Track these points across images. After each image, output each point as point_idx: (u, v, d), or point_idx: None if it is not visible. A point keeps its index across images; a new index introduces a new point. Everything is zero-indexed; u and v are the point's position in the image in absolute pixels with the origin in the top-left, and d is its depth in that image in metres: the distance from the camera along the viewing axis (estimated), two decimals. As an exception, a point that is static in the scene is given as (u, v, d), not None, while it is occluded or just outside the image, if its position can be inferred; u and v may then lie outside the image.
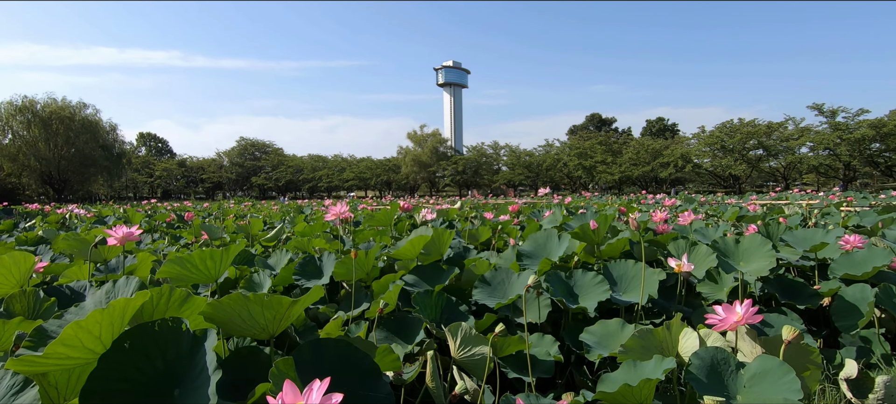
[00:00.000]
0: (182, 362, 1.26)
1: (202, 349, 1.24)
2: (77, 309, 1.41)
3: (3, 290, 2.42)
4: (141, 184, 76.17)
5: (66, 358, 1.17)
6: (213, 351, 1.19)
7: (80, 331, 1.14)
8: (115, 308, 1.18)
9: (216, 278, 2.16)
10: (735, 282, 3.05)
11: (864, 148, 34.88)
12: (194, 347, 1.26)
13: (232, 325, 1.39)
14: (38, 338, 1.31)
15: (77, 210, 9.42)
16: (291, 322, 1.42)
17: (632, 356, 1.91)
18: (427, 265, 3.12)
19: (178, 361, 1.26)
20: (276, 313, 1.38)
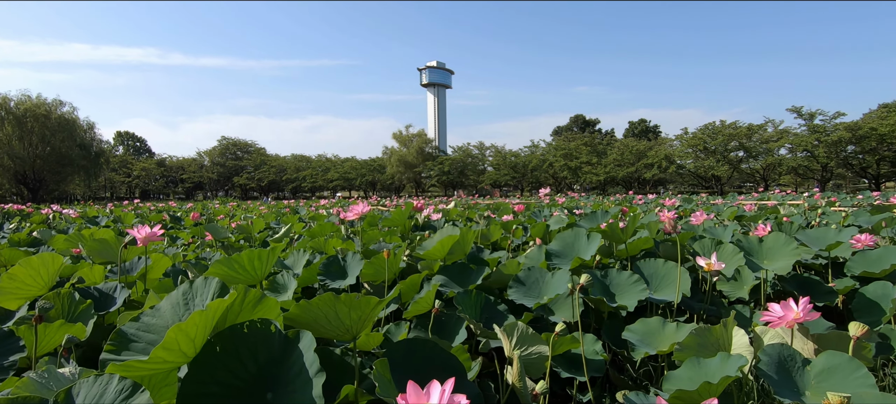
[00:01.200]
0: (274, 365, 1.22)
1: (296, 351, 1.21)
2: (153, 311, 1.36)
3: (31, 292, 2.33)
4: (118, 184, 74.42)
5: (162, 362, 1.13)
6: (313, 353, 1.15)
7: (180, 334, 1.10)
8: (212, 310, 1.14)
9: (261, 279, 2.11)
10: (755, 280, 3.11)
11: (841, 150, 35.93)
12: (287, 349, 1.23)
13: (316, 326, 1.35)
14: (120, 342, 1.26)
15: (66, 210, 9.14)
16: (372, 322, 1.39)
17: (689, 353, 1.92)
18: (455, 265, 3.10)
19: (270, 364, 1.22)
20: (361, 314, 1.35)
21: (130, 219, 9.22)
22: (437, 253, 3.04)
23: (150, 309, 1.36)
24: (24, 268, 2.26)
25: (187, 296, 1.37)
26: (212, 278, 1.36)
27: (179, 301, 1.36)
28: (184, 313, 1.34)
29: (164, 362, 1.13)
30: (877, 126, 33.40)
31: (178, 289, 1.38)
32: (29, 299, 2.39)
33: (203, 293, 1.36)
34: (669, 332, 2.34)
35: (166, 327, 1.32)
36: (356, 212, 3.70)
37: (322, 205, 14.34)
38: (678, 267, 2.67)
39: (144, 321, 1.33)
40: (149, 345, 1.28)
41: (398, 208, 4.15)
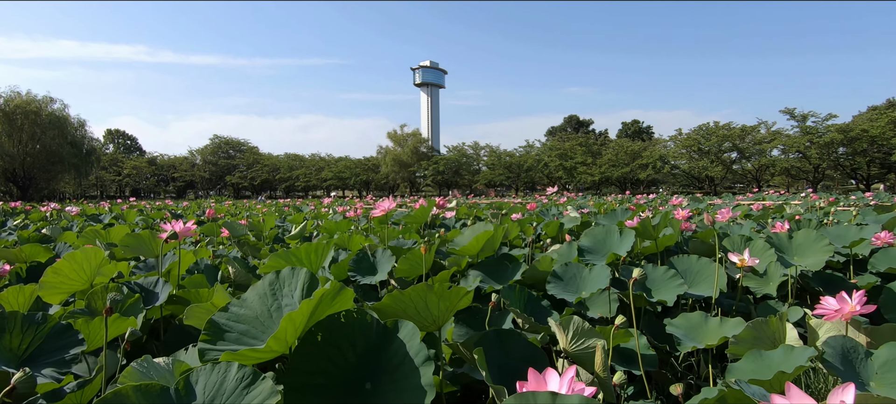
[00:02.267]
0: (372, 354, 1.22)
1: (396, 340, 1.21)
2: (240, 302, 1.35)
3: (74, 286, 2.31)
4: (108, 183, 73.62)
5: (270, 351, 1.12)
6: (419, 342, 1.16)
7: (290, 324, 1.10)
8: (317, 299, 1.14)
9: (316, 271, 2.11)
10: (783, 277, 3.14)
11: (832, 151, 36.44)
12: (385, 338, 1.23)
13: (405, 316, 1.35)
14: (214, 332, 1.25)
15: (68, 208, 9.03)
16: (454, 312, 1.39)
17: (745, 346, 1.94)
18: (489, 261, 3.11)
19: (368, 353, 1.22)
20: (449, 304, 1.36)
21: (133, 216, 9.14)
22: (471, 249, 3.05)
23: (237, 300, 1.35)
24: (68, 263, 2.24)
25: (274, 286, 1.36)
26: (298, 268, 1.36)
27: (266, 291, 1.36)
28: (272, 303, 1.34)
29: (272, 351, 1.13)
30: (868, 128, 33.93)
31: (264, 280, 1.37)
32: (71, 293, 2.36)
33: (291, 283, 1.35)
34: (713, 327, 2.36)
35: (255, 317, 1.32)
36: (383, 209, 3.70)
37: (325, 203, 14.29)
38: (716, 263, 2.70)
39: (233, 311, 1.32)
40: (241, 335, 1.27)
41: (422, 206, 4.15)
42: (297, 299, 1.32)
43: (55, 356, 1.73)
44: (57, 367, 1.68)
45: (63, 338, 1.78)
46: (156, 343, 2.43)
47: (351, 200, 23.84)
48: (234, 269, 2.56)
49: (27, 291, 2.33)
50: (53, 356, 1.73)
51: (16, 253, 3.71)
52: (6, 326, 1.69)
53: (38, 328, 1.75)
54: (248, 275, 2.59)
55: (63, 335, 1.79)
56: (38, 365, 1.69)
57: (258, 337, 1.28)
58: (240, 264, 2.61)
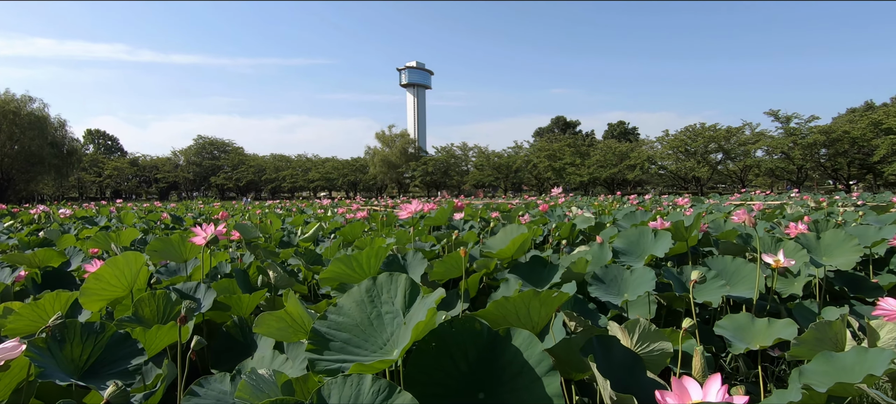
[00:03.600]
0: (484, 364, 1.19)
1: (510, 348, 1.18)
2: (336, 309, 1.30)
3: (115, 293, 2.23)
4: (89, 184, 72.01)
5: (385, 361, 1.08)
6: (541, 351, 1.12)
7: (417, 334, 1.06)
8: (435, 306, 1.10)
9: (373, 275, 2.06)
10: (809, 277, 3.18)
11: (815, 152, 37.30)
12: (497, 347, 1.20)
13: (505, 322, 1.32)
14: (319, 342, 1.21)
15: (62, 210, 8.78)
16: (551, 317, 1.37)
17: (806, 348, 1.95)
18: (524, 263, 3.09)
19: (480, 363, 1.19)
20: (550, 308, 1.33)
21: (131, 218, 8.94)
22: (508, 251, 3.02)
23: (333, 307, 1.30)
24: (110, 269, 2.16)
25: (371, 293, 1.32)
26: (396, 274, 1.32)
27: (364, 298, 1.31)
28: (371, 311, 1.29)
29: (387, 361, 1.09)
30: (849, 129, 34.80)
31: (360, 286, 1.33)
32: (111, 300, 2.28)
33: (389, 290, 1.31)
34: (761, 328, 2.37)
35: (356, 325, 1.27)
36: (409, 211, 3.66)
37: (325, 204, 14.14)
38: (757, 264, 2.71)
39: (332, 319, 1.28)
40: (345, 344, 1.23)
41: (441, 207, 4.12)
42: (399, 306, 1.28)
43: (117, 366, 1.66)
44: (121, 378, 1.62)
45: (123, 348, 1.71)
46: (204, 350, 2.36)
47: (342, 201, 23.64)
48: (275, 274, 2.49)
49: (64, 298, 2.24)
50: (115, 366, 1.66)
51: (30, 257, 3.59)
52: (66, 336, 1.62)
53: (98, 337, 1.68)
54: (290, 279, 2.53)
55: (122, 344, 1.72)
56: (101, 376, 1.62)
57: (362, 345, 1.23)
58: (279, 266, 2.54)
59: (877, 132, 34.09)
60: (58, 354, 1.57)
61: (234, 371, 1.65)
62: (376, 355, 1.22)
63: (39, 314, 2.19)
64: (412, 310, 1.26)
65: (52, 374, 1.46)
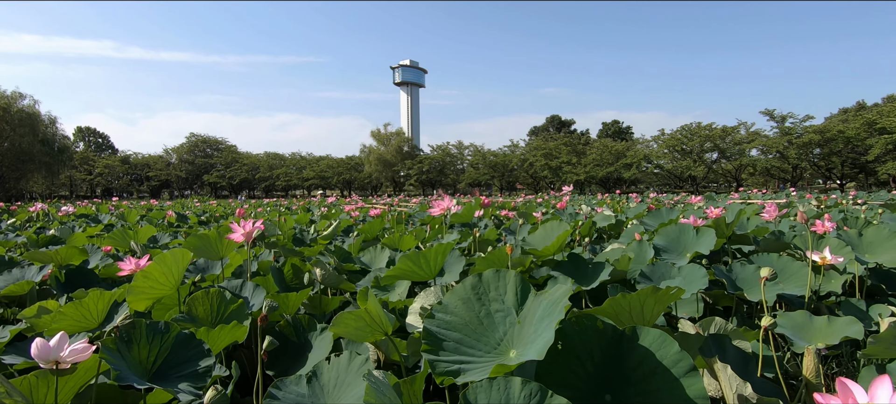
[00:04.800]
0: (611, 364, 1.12)
1: (639, 349, 1.11)
2: (442, 307, 1.23)
3: (162, 291, 2.14)
4: (79, 182, 71.14)
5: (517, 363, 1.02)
6: (678, 350, 1.06)
7: (554, 336, 0.99)
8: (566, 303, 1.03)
9: (437, 273, 1.99)
10: (848, 274, 3.15)
11: (809, 151, 37.67)
12: (624, 346, 1.13)
13: (617, 322, 1.26)
14: (433, 342, 1.14)
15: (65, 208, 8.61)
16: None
17: (883, 346, 1.91)
18: (565, 261, 3.03)
19: (606, 363, 1.12)
20: (661, 306, 1.27)
21: (134, 216, 8.80)
22: (552, 248, 2.96)
23: (439, 306, 1.23)
24: (158, 266, 2.07)
25: (477, 290, 1.25)
26: (503, 271, 1.25)
27: (470, 296, 1.24)
28: (479, 309, 1.23)
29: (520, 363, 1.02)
30: (844, 129, 35.19)
31: (465, 283, 1.26)
32: (157, 298, 2.19)
33: (497, 287, 1.24)
34: (821, 326, 2.32)
35: (465, 324, 1.21)
36: (442, 208, 3.59)
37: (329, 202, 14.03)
38: (809, 262, 2.67)
39: (441, 318, 1.21)
40: (458, 344, 1.16)
41: (468, 204, 4.05)
42: (510, 304, 1.21)
43: (186, 368, 1.58)
44: (191, 381, 1.54)
45: (188, 349, 1.63)
46: (247, 351, 2.28)
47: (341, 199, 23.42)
48: (323, 271, 2.41)
49: (107, 297, 2.15)
50: (183, 368, 1.58)
51: (52, 255, 3.48)
52: (133, 337, 1.53)
53: (163, 338, 1.60)
54: (339, 277, 2.45)
55: (188, 345, 1.64)
56: (170, 378, 1.54)
57: (474, 345, 1.17)
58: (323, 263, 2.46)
59: (871, 132, 34.48)
60: (126, 356, 1.49)
61: (310, 373, 1.58)
62: (491, 356, 1.15)
63: (83, 313, 2.10)
64: (526, 309, 1.20)
65: (128, 377, 1.38)
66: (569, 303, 1.05)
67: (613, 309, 1.23)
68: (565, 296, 1.08)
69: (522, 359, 0.96)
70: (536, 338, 1.10)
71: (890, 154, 34.07)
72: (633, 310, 1.25)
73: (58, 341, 1.38)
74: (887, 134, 33.34)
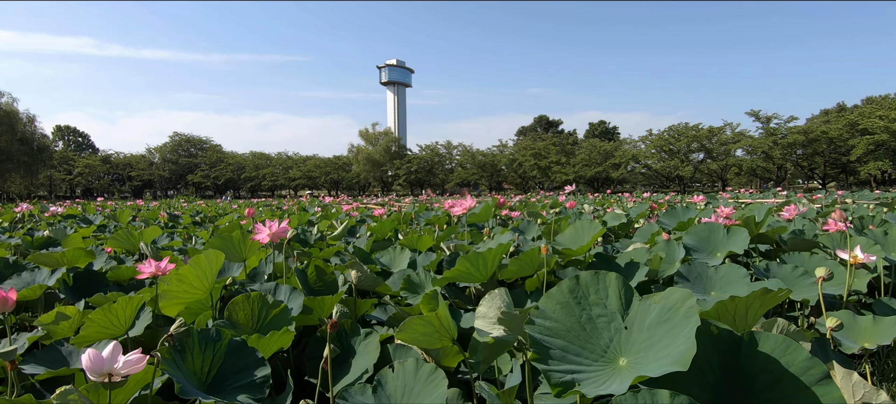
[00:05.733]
0: (729, 371, 1.06)
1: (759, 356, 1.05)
2: (540, 312, 1.16)
3: (196, 295, 2.03)
4: (58, 182, 69.50)
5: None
6: (810, 357, 1.00)
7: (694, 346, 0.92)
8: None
9: (490, 275, 1.91)
10: (872, 273, 3.15)
11: (794, 152, 38.45)
12: (741, 353, 1.07)
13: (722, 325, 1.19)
14: (541, 350, 1.06)
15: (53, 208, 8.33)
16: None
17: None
18: (596, 260, 2.97)
19: (724, 370, 1.06)
20: (765, 308, 1.21)
21: (127, 216, 8.56)
22: (587, 248, 2.89)
23: (536, 311, 1.15)
24: (192, 269, 1.96)
25: (576, 294, 1.17)
26: (603, 273, 1.18)
27: (568, 301, 1.17)
28: (580, 314, 1.15)
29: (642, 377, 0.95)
30: (827, 130, 36.00)
31: (561, 287, 1.18)
32: (189, 303, 2.07)
33: (598, 291, 1.17)
34: (866, 326, 2.29)
35: (567, 331, 1.13)
36: (464, 207, 3.51)
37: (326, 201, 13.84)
38: (849, 261, 2.64)
39: (540, 324, 1.13)
40: (564, 352, 1.09)
41: (487, 204, 3.98)
42: (614, 309, 1.14)
43: (241, 378, 1.48)
44: (250, 392, 1.44)
45: (241, 357, 1.53)
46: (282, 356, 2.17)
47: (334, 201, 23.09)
48: (360, 273, 2.32)
49: (136, 301, 2.03)
50: (239, 378, 1.48)
51: (58, 257, 3.32)
52: (186, 345, 1.43)
53: (215, 346, 1.49)
54: (376, 279, 2.36)
55: (239, 353, 1.54)
56: (226, 390, 1.44)
57: (580, 353, 1.09)
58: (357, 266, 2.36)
59: (853, 132, 35.29)
60: (181, 366, 1.38)
61: (375, 381, 1.49)
62: (599, 364, 1.08)
63: (112, 319, 1.98)
64: (632, 314, 1.12)
65: (190, 391, 1.28)
66: (697, 307, 0.98)
67: (719, 313, 1.17)
68: (688, 301, 1.01)
69: (662, 371, 0.89)
70: (655, 345, 1.03)
71: (871, 154, 34.91)
72: (737, 314, 1.19)
73: (111, 352, 1.27)
74: (869, 135, 34.15)
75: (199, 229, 7.12)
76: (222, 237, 2.65)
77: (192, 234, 6.38)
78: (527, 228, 5.04)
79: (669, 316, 1.04)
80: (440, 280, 2.01)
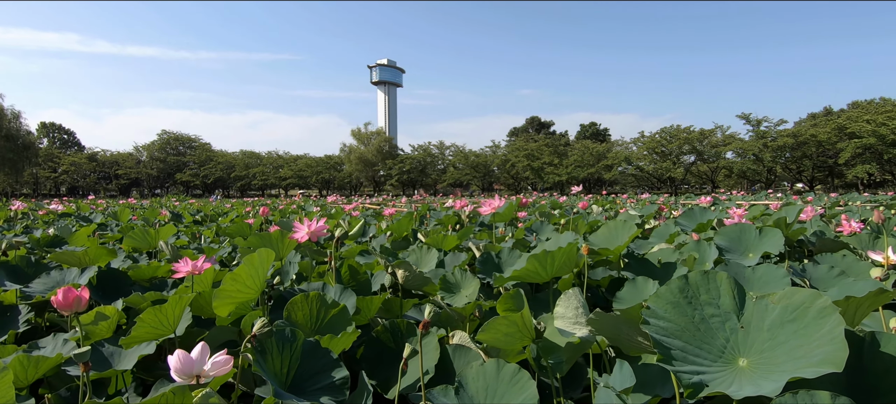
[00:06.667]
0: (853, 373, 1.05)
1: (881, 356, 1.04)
2: (651, 312, 1.14)
3: (248, 295, 1.99)
4: (43, 180, 68.30)
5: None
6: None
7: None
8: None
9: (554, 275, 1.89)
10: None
11: (784, 154, 39.07)
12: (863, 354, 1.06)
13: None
14: (663, 350, 1.04)
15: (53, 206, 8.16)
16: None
17: None
18: (631, 262, 2.97)
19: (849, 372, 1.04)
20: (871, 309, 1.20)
21: (127, 215, 8.42)
22: (622, 248, 2.89)
23: (647, 311, 1.13)
24: (246, 268, 1.91)
25: (686, 294, 1.15)
26: (713, 272, 1.16)
27: (679, 300, 1.15)
28: (693, 314, 1.13)
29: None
30: (816, 133, 36.65)
31: (670, 287, 1.16)
32: (241, 303, 2.03)
33: (709, 290, 1.15)
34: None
35: (682, 330, 1.11)
36: (492, 207, 3.49)
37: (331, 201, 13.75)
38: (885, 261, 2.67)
39: (655, 324, 1.11)
40: (684, 353, 1.07)
41: (510, 204, 3.96)
42: (728, 308, 1.12)
43: (319, 380, 1.44)
44: (331, 395, 1.40)
45: (315, 358, 1.50)
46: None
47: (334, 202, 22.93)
48: (407, 273, 2.28)
49: (184, 302, 1.97)
50: (317, 380, 1.45)
51: (80, 256, 3.24)
52: (266, 347, 1.39)
53: (292, 347, 1.46)
54: (424, 278, 2.33)
55: (314, 354, 1.50)
56: (310, 392, 1.41)
57: (698, 353, 1.07)
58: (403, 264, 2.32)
59: (841, 136, 35.94)
60: (264, 368, 1.34)
61: (457, 382, 1.46)
62: (719, 364, 1.06)
63: (162, 319, 1.92)
64: (748, 314, 1.11)
65: (281, 394, 1.24)
66: (836, 307, 0.97)
67: (829, 313, 1.15)
68: (818, 301, 1.00)
69: (815, 372, 0.87)
70: (782, 346, 1.02)
71: (859, 157, 35.56)
72: (848, 313, 1.18)
73: (200, 353, 1.23)
74: (857, 138, 34.80)
75: (201, 228, 7.03)
76: (260, 236, 2.60)
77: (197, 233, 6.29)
78: (540, 228, 5.04)
79: (796, 316, 1.03)
80: (502, 279, 1.99)
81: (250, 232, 5.82)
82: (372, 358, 1.96)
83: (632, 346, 1.33)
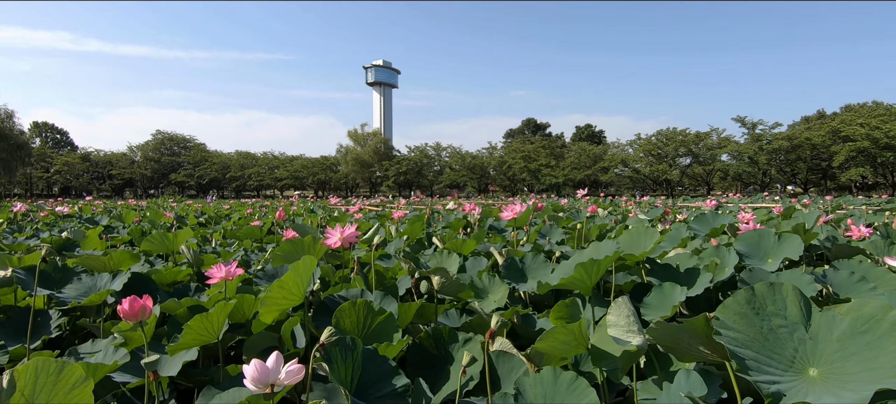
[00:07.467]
0: None
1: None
2: (721, 323, 1.17)
3: (293, 301, 2.01)
4: (36, 180, 67.74)
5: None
6: None
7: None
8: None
9: (592, 286, 1.93)
10: None
11: (779, 157, 39.46)
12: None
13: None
14: (737, 359, 1.08)
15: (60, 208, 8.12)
16: None
17: None
18: (657, 267, 3.01)
19: None
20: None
21: (131, 217, 8.40)
22: (648, 253, 2.93)
23: (717, 321, 1.17)
24: (293, 274, 1.93)
25: (753, 305, 1.19)
26: (778, 284, 1.20)
27: (747, 311, 1.18)
28: (761, 325, 1.17)
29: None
30: (810, 136, 37.05)
31: (737, 297, 1.20)
32: (286, 309, 2.05)
33: (775, 302, 1.19)
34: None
35: (752, 341, 1.15)
36: (514, 212, 3.53)
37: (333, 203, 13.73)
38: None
39: (727, 334, 1.15)
40: (756, 362, 1.10)
41: (527, 208, 4.00)
42: (795, 319, 1.16)
43: (382, 387, 1.47)
44: (394, 401, 1.43)
45: (375, 365, 1.53)
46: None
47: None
48: (443, 279, 2.31)
49: (228, 309, 1.99)
50: (379, 388, 1.47)
51: (105, 261, 3.24)
52: (332, 355, 1.42)
53: (353, 355, 1.48)
54: (460, 284, 2.36)
55: (373, 362, 1.53)
56: (374, 399, 1.43)
57: (769, 363, 1.11)
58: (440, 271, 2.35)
59: (835, 139, 36.35)
60: (332, 376, 1.37)
61: (515, 390, 1.49)
62: (790, 373, 1.10)
63: (207, 326, 1.95)
64: (816, 325, 1.15)
65: (356, 401, 1.27)
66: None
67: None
68: (890, 314, 1.04)
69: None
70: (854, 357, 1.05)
71: (853, 160, 35.97)
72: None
73: (274, 362, 1.26)
74: (851, 142, 35.19)
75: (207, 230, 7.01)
76: (291, 242, 2.62)
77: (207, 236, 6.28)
78: (549, 232, 5.08)
79: (868, 327, 1.07)
80: (546, 286, 2.02)
81: (260, 234, 5.83)
82: (417, 363, 1.99)
83: (691, 355, 1.37)
